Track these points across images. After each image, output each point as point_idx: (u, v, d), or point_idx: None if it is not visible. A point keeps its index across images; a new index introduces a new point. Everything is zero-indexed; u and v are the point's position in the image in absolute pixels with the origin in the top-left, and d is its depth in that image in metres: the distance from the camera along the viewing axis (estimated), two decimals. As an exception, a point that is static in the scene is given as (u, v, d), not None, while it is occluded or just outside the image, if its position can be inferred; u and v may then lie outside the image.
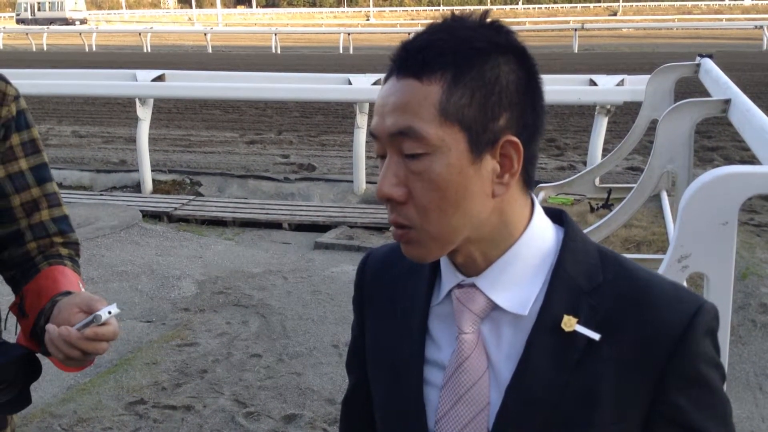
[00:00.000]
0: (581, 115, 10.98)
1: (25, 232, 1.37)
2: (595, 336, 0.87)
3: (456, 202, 0.86)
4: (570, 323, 0.87)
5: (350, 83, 7.29)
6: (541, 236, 0.92)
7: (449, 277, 0.94)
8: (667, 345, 0.86)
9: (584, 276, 0.89)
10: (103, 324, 1.19)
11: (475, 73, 0.84)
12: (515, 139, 0.86)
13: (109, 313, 1.18)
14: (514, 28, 0.90)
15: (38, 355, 1.29)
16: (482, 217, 0.88)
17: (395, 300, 1.00)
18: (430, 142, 0.84)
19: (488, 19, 0.88)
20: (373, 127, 0.88)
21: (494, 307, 0.90)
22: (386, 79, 0.89)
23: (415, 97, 0.85)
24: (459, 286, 0.92)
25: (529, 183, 0.91)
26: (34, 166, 1.40)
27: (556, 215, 0.95)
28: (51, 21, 45.93)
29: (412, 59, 0.86)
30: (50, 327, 1.18)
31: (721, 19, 36.12)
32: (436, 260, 0.96)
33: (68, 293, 1.28)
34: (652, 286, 0.89)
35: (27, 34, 32.91)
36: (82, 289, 1.32)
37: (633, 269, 0.91)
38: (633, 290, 0.89)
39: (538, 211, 0.93)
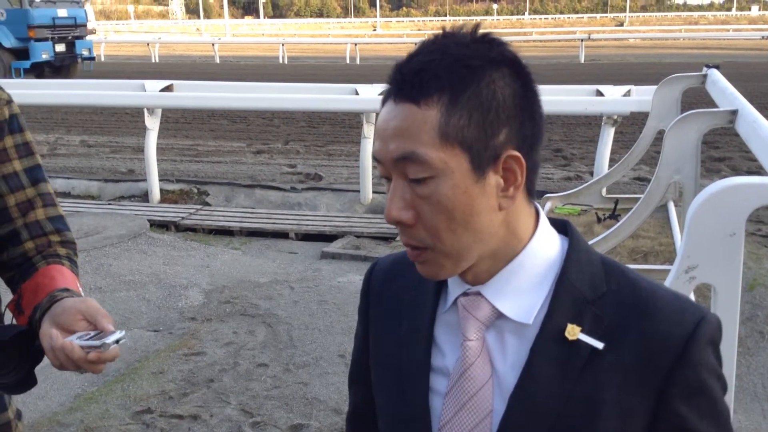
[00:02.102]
0: (588, 125, 10.98)
1: (21, 232, 1.39)
2: (599, 345, 0.87)
3: (464, 221, 0.86)
4: (574, 332, 0.88)
5: (357, 93, 7.31)
6: (546, 246, 0.92)
7: (455, 285, 0.95)
8: (670, 355, 0.87)
9: (588, 285, 0.90)
10: None
11: (471, 93, 0.85)
12: (516, 153, 0.87)
13: (117, 342, 1.19)
14: (521, 38, 0.91)
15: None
16: (492, 231, 0.89)
17: (402, 309, 1.01)
18: (433, 165, 0.85)
19: (480, 33, 0.88)
20: (376, 151, 0.89)
21: (499, 315, 0.91)
22: (385, 101, 0.90)
23: (414, 122, 0.85)
24: (465, 294, 0.93)
25: (532, 192, 0.92)
26: (28, 168, 1.42)
27: (560, 225, 0.96)
28: (60, 31, 46.18)
29: (407, 83, 0.86)
30: (54, 333, 1.19)
31: (728, 30, 36.11)
32: None
33: (66, 290, 1.29)
34: (656, 297, 0.90)
35: (36, 44, 33.05)
36: (80, 289, 1.33)
37: (636, 279, 0.92)
38: (636, 300, 0.89)
39: (543, 221, 0.94)
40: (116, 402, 3.62)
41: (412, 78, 0.86)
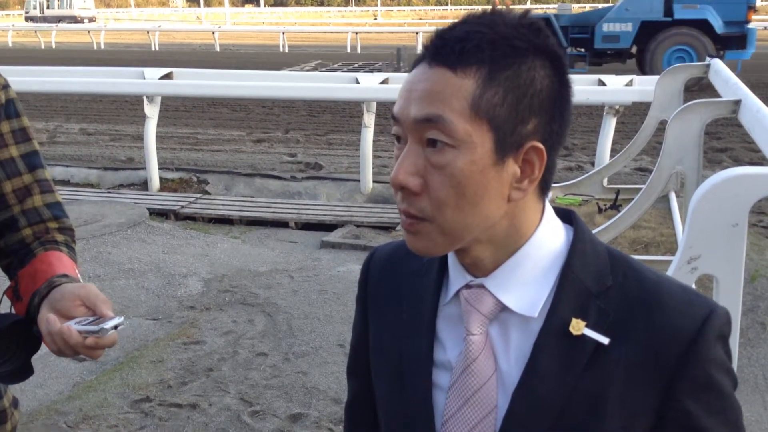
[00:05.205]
0: (589, 115, 10.94)
1: (19, 218, 1.38)
2: (604, 340, 0.85)
3: (473, 200, 0.84)
4: (578, 327, 0.86)
5: (358, 82, 7.28)
6: (550, 238, 0.90)
7: (457, 277, 0.93)
8: (678, 349, 0.84)
9: (593, 278, 0.88)
10: None
11: (510, 73, 0.82)
12: (540, 145, 0.85)
13: (115, 327, 1.17)
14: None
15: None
16: (494, 220, 0.86)
17: (401, 299, 0.99)
18: (457, 135, 0.82)
19: (528, 19, 0.86)
20: (397, 110, 0.86)
21: (503, 308, 0.89)
22: (415, 65, 0.87)
23: (447, 87, 0.82)
24: (467, 286, 0.91)
25: (546, 190, 0.90)
26: (24, 154, 1.40)
27: (565, 215, 0.94)
28: (60, 19, 45.97)
29: (448, 49, 0.83)
30: (51, 318, 1.17)
31: (730, 20, 35.89)
32: (444, 260, 0.95)
33: (65, 276, 1.28)
34: (663, 290, 0.87)
35: (36, 31, 32.98)
36: (78, 276, 1.32)
37: (643, 271, 0.89)
38: (643, 293, 0.87)
39: (549, 211, 0.91)
40: (115, 390, 3.62)
41: (453, 44, 0.83)
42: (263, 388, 3.63)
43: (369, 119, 7.14)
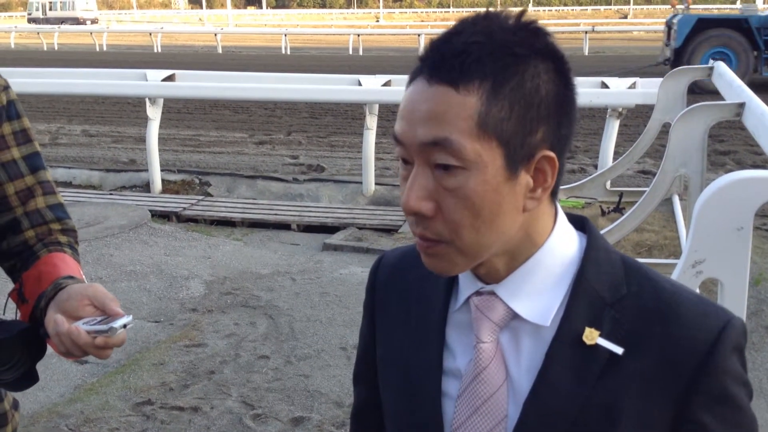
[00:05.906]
0: (592, 117, 10.92)
1: (22, 220, 1.37)
2: (618, 350, 0.84)
3: (490, 220, 0.81)
4: (592, 336, 0.84)
5: (360, 84, 7.28)
6: (563, 245, 0.88)
7: (467, 283, 0.91)
8: (694, 361, 0.83)
9: (607, 287, 0.86)
10: None
11: (514, 84, 0.80)
12: (552, 154, 0.83)
13: (124, 326, 1.16)
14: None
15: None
16: (512, 233, 0.85)
17: (410, 305, 0.97)
18: (466, 156, 0.79)
19: (524, 20, 0.83)
20: (400, 133, 0.83)
21: (514, 316, 0.87)
22: (413, 80, 0.84)
23: (451, 107, 0.79)
24: (478, 293, 0.89)
25: (556, 194, 0.88)
26: (26, 155, 1.39)
27: (578, 222, 0.92)
28: (62, 20, 46.07)
29: (447, 65, 0.80)
30: (59, 319, 1.16)
31: (733, 23, 35.84)
32: None
33: (70, 278, 1.27)
34: (679, 300, 0.86)
35: (38, 33, 33.07)
36: (83, 277, 1.32)
37: (658, 281, 0.88)
38: (658, 303, 0.85)
39: (561, 218, 0.90)
40: (116, 393, 3.61)
41: (452, 59, 0.80)
42: (265, 391, 3.62)
43: (371, 121, 7.13)
